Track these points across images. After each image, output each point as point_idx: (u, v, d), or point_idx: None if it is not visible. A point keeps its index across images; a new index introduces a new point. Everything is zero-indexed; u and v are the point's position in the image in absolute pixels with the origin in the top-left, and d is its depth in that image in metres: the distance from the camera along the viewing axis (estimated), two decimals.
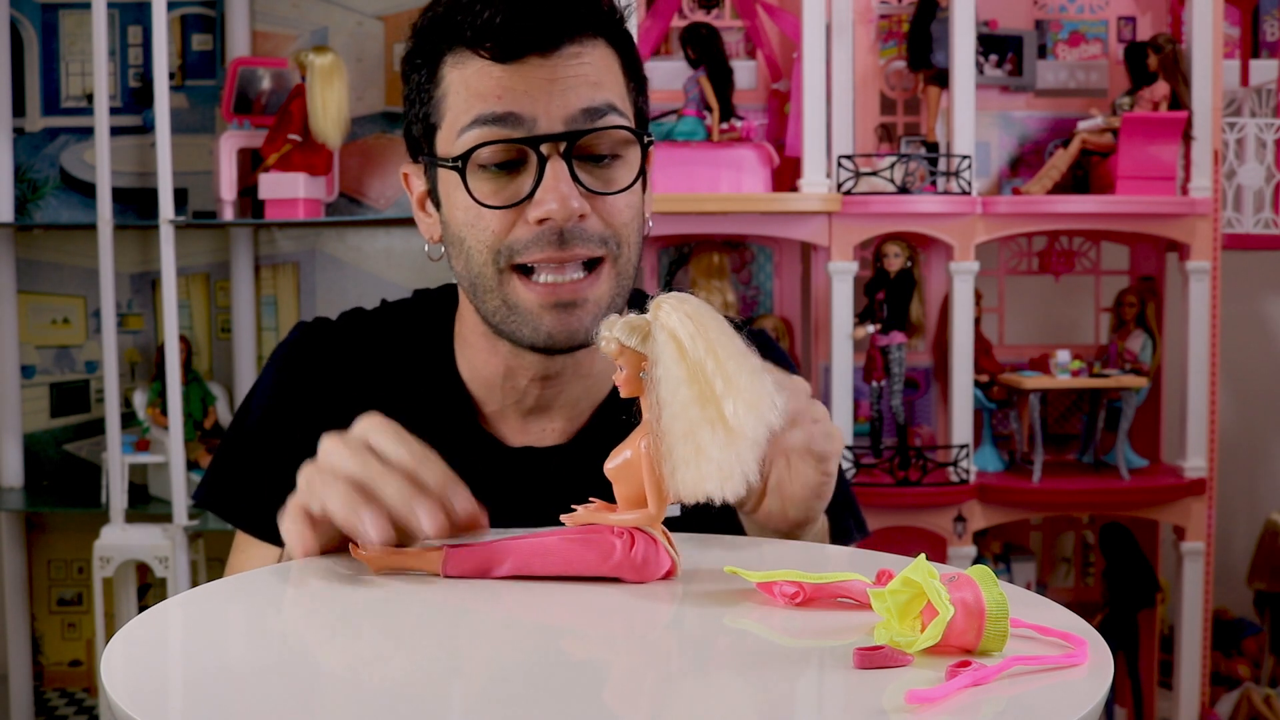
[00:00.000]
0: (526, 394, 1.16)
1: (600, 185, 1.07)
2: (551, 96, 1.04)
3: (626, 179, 1.08)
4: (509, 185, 1.06)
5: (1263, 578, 2.78)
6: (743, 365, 0.76)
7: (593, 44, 1.07)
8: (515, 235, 1.06)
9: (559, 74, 1.05)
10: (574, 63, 1.05)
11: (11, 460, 2.64)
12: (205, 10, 2.66)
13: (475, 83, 1.05)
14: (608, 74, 1.08)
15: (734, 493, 0.75)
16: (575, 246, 1.05)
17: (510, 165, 1.06)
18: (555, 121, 1.04)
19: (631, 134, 1.08)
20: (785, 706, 0.61)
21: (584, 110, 1.05)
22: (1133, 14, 2.72)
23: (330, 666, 0.67)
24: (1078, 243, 2.80)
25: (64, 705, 2.72)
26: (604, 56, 1.08)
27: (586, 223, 1.06)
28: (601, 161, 1.07)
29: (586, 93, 1.05)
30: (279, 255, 2.68)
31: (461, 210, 1.07)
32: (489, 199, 1.06)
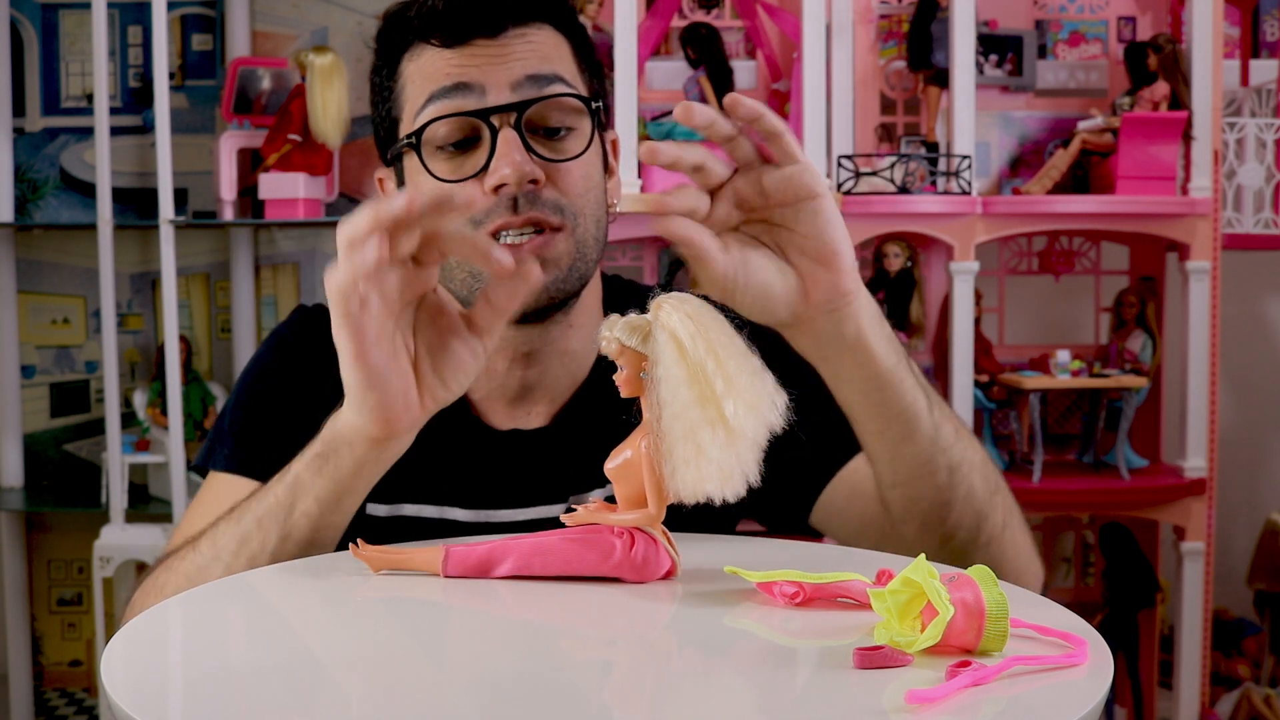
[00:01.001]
0: (509, 378, 1.17)
1: (554, 154, 1.10)
2: (499, 68, 1.09)
3: (578, 148, 1.11)
4: (465, 162, 1.09)
5: (1263, 578, 2.78)
6: (743, 366, 0.76)
7: (539, 28, 1.12)
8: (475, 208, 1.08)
9: (505, 50, 1.09)
10: (520, 41, 1.10)
11: (11, 460, 2.64)
12: (205, 10, 2.66)
13: (428, 67, 1.10)
14: (555, 52, 1.12)
15: (734, 493, 0.75)
16: (531, 211, 1.08)
17: (465, 144, 1.09)
18: (504, 90, 1.08)
19: (581, 103, 1.11)
20: (785, 706, 0.61)
21: (530, 77, 1.09)
22: (1133, 14, 2.72)
23: (330, 666, 0.67)
24: (1078, 243, 2.79)
25: (64, 705, 2.72)
26: (551, 38, 1.13)
27: (542, 191, 1.09)
28: (554, 134, 1.11)
29: (534, 63, 1.10)
30: (279, 255, 2.68)
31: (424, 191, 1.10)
32: (446, 175, 1.09)
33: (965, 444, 1.05)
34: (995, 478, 1.09)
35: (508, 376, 1.17)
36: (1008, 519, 1.08)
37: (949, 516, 1.03)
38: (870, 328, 0.97)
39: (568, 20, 1.16)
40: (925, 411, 1.01)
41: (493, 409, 1.19)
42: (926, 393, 1.03)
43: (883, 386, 0.98)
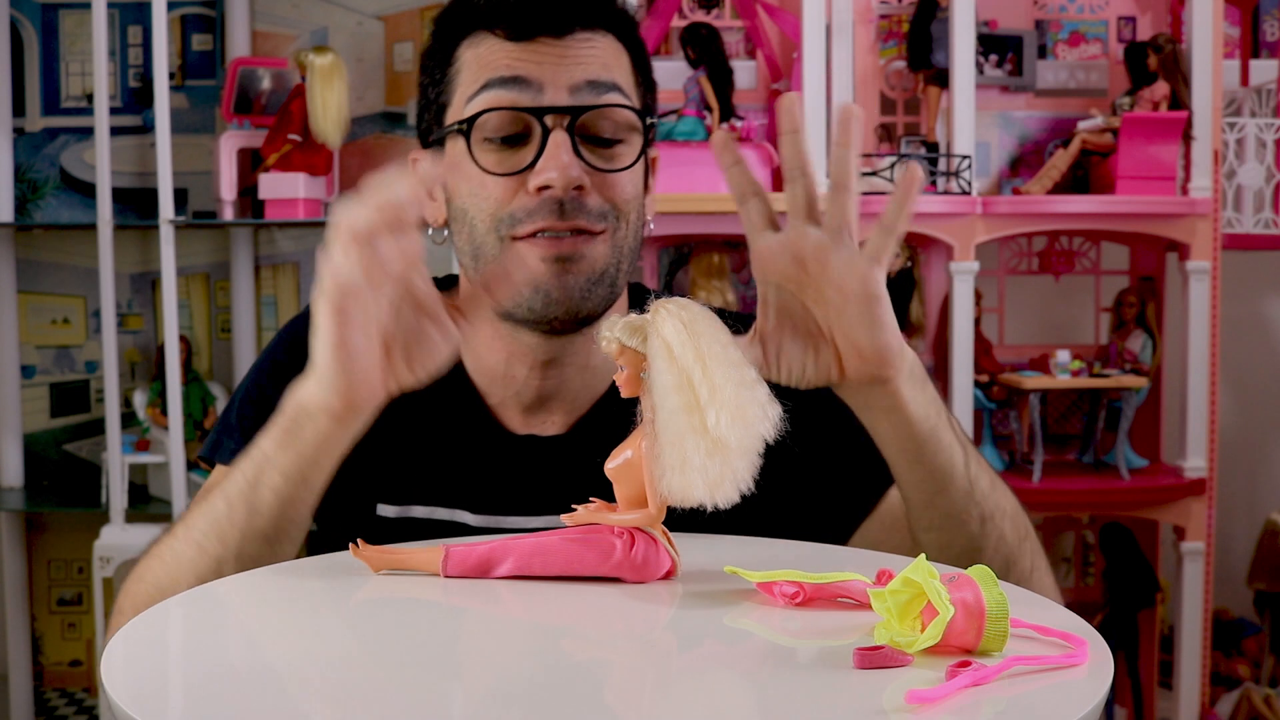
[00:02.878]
0: (526, 385, 1.17)
1: (602, 163, 1.09)
2: (560, 69, 1.08)
3: (628, 159, 1.10)
4: (513, 156, 1.08)
5: (1263, 578, 2.78)
6: (730, 375, 0.75)
7: (603, 36, 1.11)
8: (517, 204, 1.08)
9: (569, 52, 1.09)
10: (584, 46, 1.09)
11: (11, 460, 2.64)
12: (205, 10, 2.66)
13: (487, 56, 1.09)
14: (616, 62, 1.12)
15: (726, 500, 0.75)
16: (574, 218, 1.07)
17: (515, 139, 1.08)
18: (561, 91, 1.07)
19: (636, 115, 1.11)
20: (785, 706, 0.61)
21: (590, 82, 1.08)
22: (1133, 14, 2.72)
23: (330, 666, 0.67)
24: (1078, 243, 2.80)
25: (64, 705, 2.72)
26: (613, 48, 1.12)
27: (586, 197, 1.08)
28: (605, 144, 1.10)
29: (595, 69, 1.09)
30: (279, 255, 2.68)
31: (466, 181, 1.10)
32: (493, 167, 1.08)
33: (999, 494, 1.04)
34: (1025, 524, 1.08)
35: (525, 384, 1.17)
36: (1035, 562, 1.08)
37: (979, 560, 1.03)
38: (911, 395, 0.95)
39: (630, 33, 1.15)
40: (961, 466, 1.00)
41: (510, 414, 1.19)
42: (964, 445, 1.01)
43: (920, 446, 0.97)
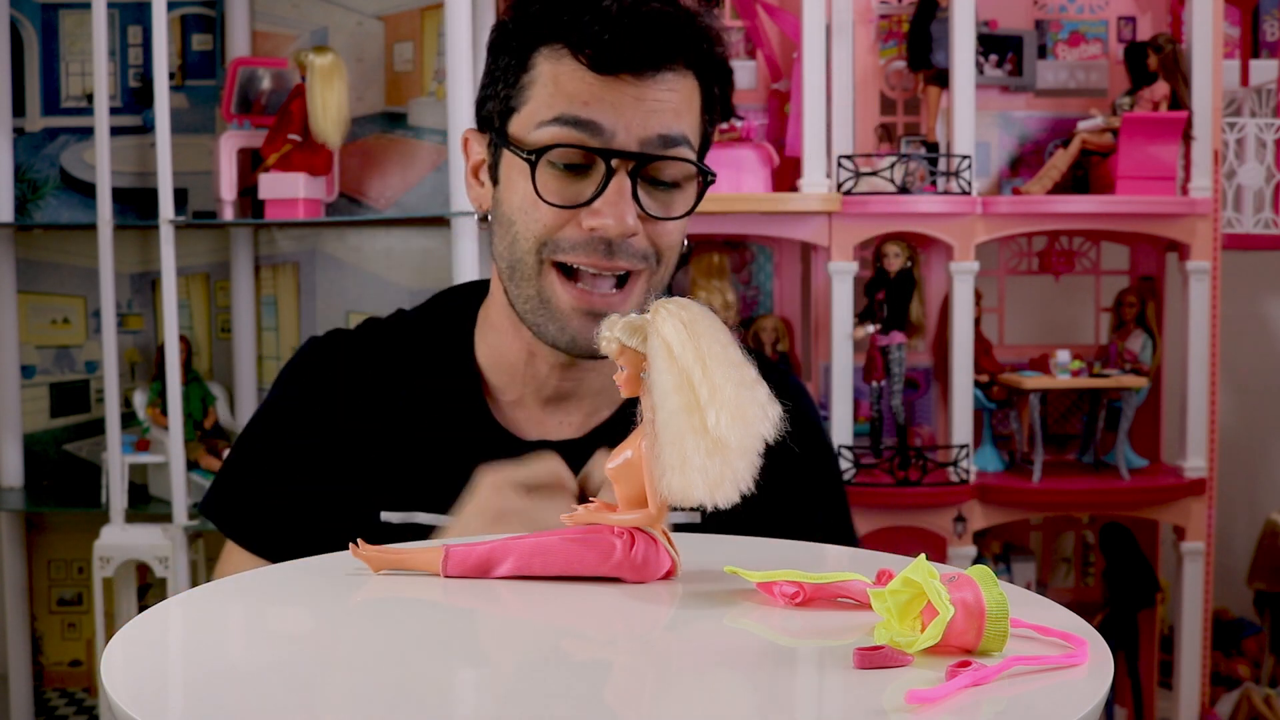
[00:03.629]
0: (546, 381, 1.18)
1: (658, 210, 1.11)
2: (634, 115, 1.08)
3: (682, 209, 1.14)
4: (572, 185, 1.10)
5: (1263, 578, 2.79)
6: (730, 375, 0.75)
7: (683, 75, 1.11)
8: (565, 234, 1.10)
9: (646, 95, 1.09)
10: (662, 89, 1.10)
11: (11, 460, 2.64)
12: (205, 10, 2.66)
13: (566, 83, 1.09)
14: (689, 107, 1.12)
15: (726, 500, 0.75)
16: (619, 259, 1.10)
17: (578, 168, 1.10)
18: (632, 139, 1.09)
19: (698, 171, 1.13)
20: (785, 706, 0.61)
21: (661, 136, 1.09)
22: (1133, 14, 2.72)
23: (330, 667, 0.67)
24: (1078, 243, 2.80)
25: (64, 705, 2.72)
26: (690, 90, 1.13)
27: (636, 240, 1.10)
28: (663, 187, 1.12)
29: (668, 120, 1.10)
30: (279, 255, 2.68)
31: (519, 196, 1.11)
32: (551, 195, 1.09)
33: None
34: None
35: (546, 381, 1.18)
36: None
37: None
38: None
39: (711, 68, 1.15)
40: None
41: (525, 415, 1.19)
42: None
43: None
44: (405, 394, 1.20)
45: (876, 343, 2.56)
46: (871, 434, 2.61)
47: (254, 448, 1.23)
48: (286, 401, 1.23)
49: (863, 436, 2.62)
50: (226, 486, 1.23)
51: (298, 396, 1.22)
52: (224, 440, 2.55)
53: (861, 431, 2.63)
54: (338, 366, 1.23)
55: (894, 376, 2.57)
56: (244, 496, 1.22)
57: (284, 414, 1.23)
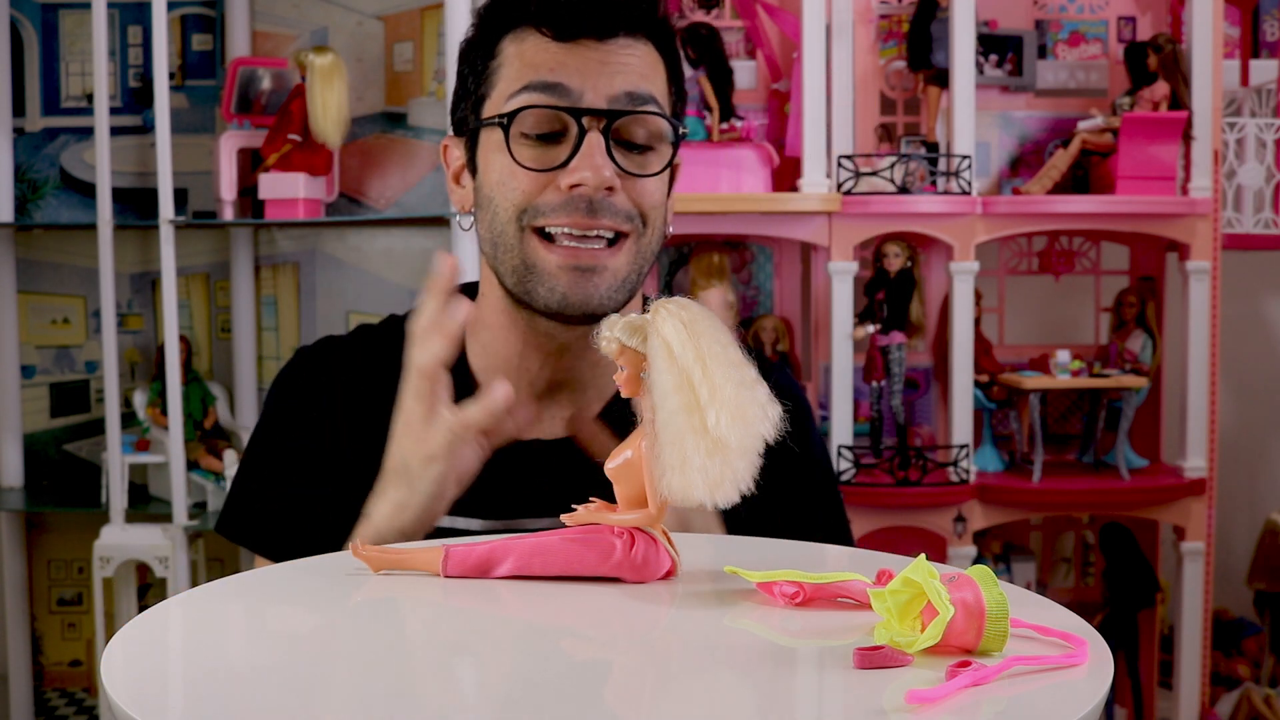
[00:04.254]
0: (539, 375, 1.19)
1: (633, 168, 1.12)
2: (600, 75, 1.11)
3: (657, 167, 1.14)
4: (546, 152, 1.11)
5: (1263, 578, 2.79)
6: (730, 375, 0.75)
7: (644, 44, 1.14)
8: (544, 198, 1.11)
9: (610, 58, 1.12)
10: (625, 52, 1.12)
11: (11, 460, 2.64)
12: (205, 10, 2.66)
13: (531, 55, 1.12)
14: (654, 72, 1.15)
15: (726, 500, 0.75)
16: (602, 217, 1.11)
17: (551, 136, 1.11)
18: (600, 98, 1.11)
19: (668, 124, 1.14)
20: (785, 706, 0.61)
21: (628, 93, 1.11)
22: (1133, 14, 2.72)
23: (330, 666, 0.67)
24: (1078, 243, 2.80)
25: (64, 705, 2.72)
26: (652, 58, 1.15)
27: (614, 197, 1.11)
28: (637, 149, 1.13)
29: (634, 79, 1.12)
30: (279, 255, 2.68)
31: (496, 171, 1.13)
32: (528, 162, 1.11)
33: None
34: None
35: (539, 374, 1.19)
36: None
37: None
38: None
39: (669, 43, 1.18)
40: None
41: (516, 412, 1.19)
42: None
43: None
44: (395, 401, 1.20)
45: (876, 343, 2.56)
46: (871, 434, 2.61)
47: (262, 460, 1.23)
48: (285, 411, 1.23)
49: (863, 436, 2.62)
50: (241, 503, 1.23)
51: (296, 406, 1.23)
52: (224, 440, 2.55)
53: (861, 431, 2.63)
54: (332, 372, 1.23)
55: (894, 376, 2.57)
56: (261, 508, 1.22)
57: (285, 423, 1.23)
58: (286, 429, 1.22)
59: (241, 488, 1.24)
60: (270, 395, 1.26)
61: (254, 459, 1.24)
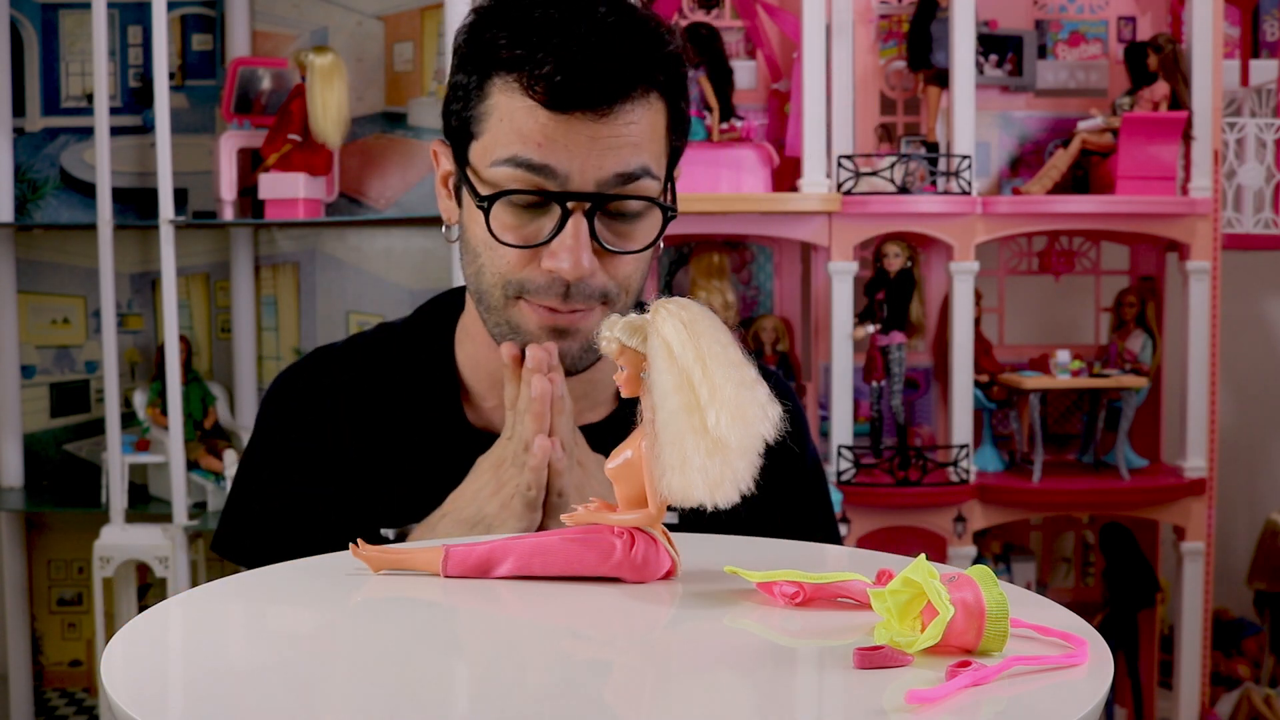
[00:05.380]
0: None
1: (616, 243, 1.09)
2: (589, 155, 1.05)
3: (644, 239, 1.10)
4: (530, 224, 1.08)
5: (1263, 578, 2.79)
6: (730, 375, 0.75)
7: (644, 101, 1.07)
8: (526, 275, 1.09)
9: (602, 133, 1.05)
10: (620, 124, 1.05)
11: (11, 460, 2.64)
12: (205, 10, 2.66)
13: (520, 121, 1.05)
14: (651, 134, 1.08)
15: (726, 500, 0.75)
16: (577, 302, 1.09)
17: (535, 206, 1.08)
18: (588, 181, 1.05)
19: (657, 203, 1.10)
20: (785, 706, 0.61)
21: (618, 174, 1.06)
22: (1133, 14, 2.72)
23: (330, 666, 0.67)
24: (1078, 243, 2.80)
25: (64, 705, 2.72)
26: (652, 114, 1.08)
27: (592, 279, 1.08)
28: (623, 218, 1.09)
29: (625, 155, 1.06)
30: (279, 255, 2.68)
31: (481, 231, 1.10)
32: (507, 233, 1.08)
33: None
34: None
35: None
36: None
37: None
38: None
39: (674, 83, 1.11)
40: None
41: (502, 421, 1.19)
42: None
43: None
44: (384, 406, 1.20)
45: (876, 343, 2.56)
46: (871, 434, 2.61)
47: (259, 471, 1.23)
48: (281, 422, 1.23)
49: (863, 436, 2.62)
50: (238, 518, 1.23)
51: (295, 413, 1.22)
52: (224, 440, 2.55)
53: (861, 431, 2.63)
54: (328, 381, 1.22)
55: (894, 376, 2.57)
56: (259, 522, 1.21)
57: (281, 433, 1.22)
58: (283, 439, 1.22)
59: (238, 504, 1.23)
60: (264, 408, 1.25)
61: (250, 472, 1.23)
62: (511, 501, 1.07)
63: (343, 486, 1.17)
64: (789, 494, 1.16)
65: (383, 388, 1.21)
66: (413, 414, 1.20)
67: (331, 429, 1.19)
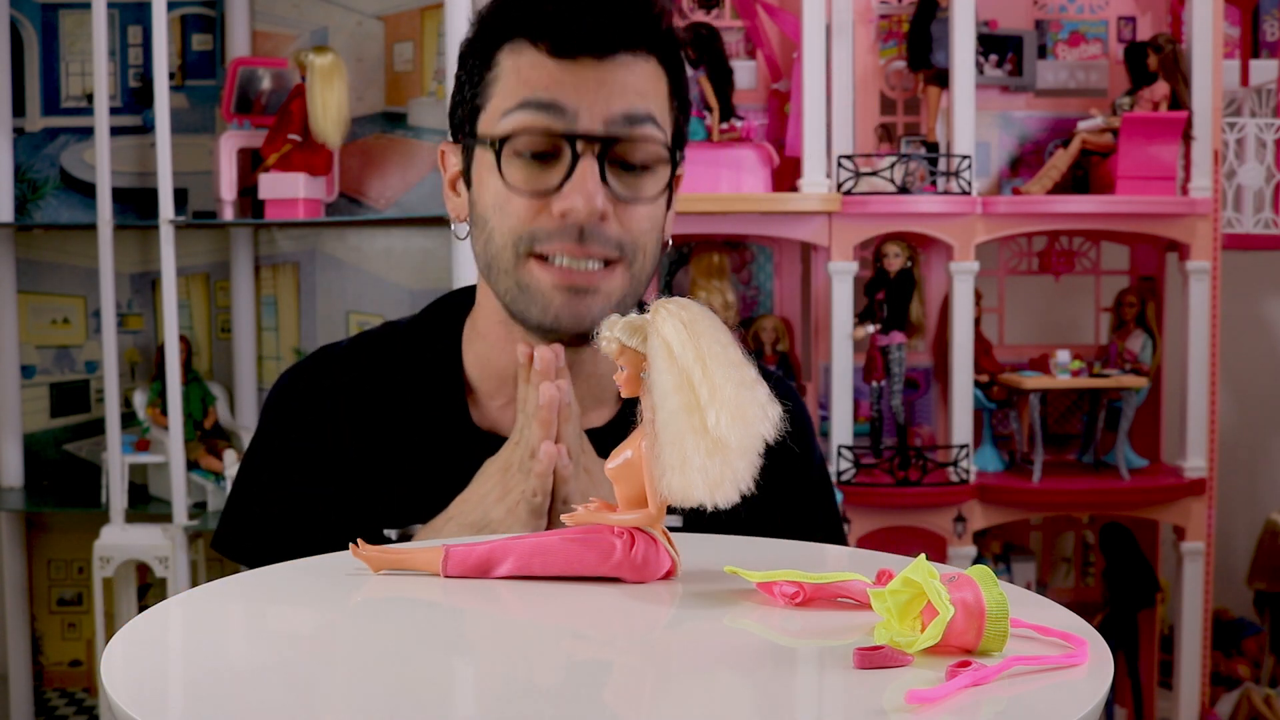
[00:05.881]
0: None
1: (627, 193, 1.10)
2: (597, 96, 1.08)
3: (653, 191, 1.12)
4: (540, 175, 1.09)
5: (1263, 578, 2.79)
6: (730, 375, 0.75)
7: (645, 59, 1.11)
8: (538, 224, 1.10)
9: (608, 77, 1.08)
10: (624, 70, 1.09)
11: (11, 460, 2.64)
12: (205, 10, 2.66)
13: (527, 71, 1.09)
14: (654, 89, 1.12)
15: (726, 500, 0.75)
16: (592, 245, 1.09)
17: (544, 156, 1.09)
18: (596, 120, 1.08)
19: (665, 150, 1.11)
20: (785, 706, 0.61)
21: (625, 115, 1.09)
22: (1133, 14, 2.72)
23: (330, 667, 0.67)
24: (1078, 243, 2.80)
25: (64, 705, 2.72)
26: (654, 72, 1.12)
27: (606, 225, 1.09)
28: (632, 170, 1.11)
29: (632, 99, 1.09)
30: (279, 255, 2.68)
31: (491, 193, 1.11)
32: (519, 185, 1.09)
33: None
34: None
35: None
36: None
37: None
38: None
39: (673, 55, 1.15)
40: None
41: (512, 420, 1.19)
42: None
43: None
44: (394, 407, 1.20)
45: (876, 343, 2.56)
46: (871, 434, 2.61)
47: (261, 469, 1.22)
48: (285, 419, 1.22)
49: (863, 436, 2.62)
50: (239, 516, 1.23)
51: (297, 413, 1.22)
52: (224, 440, 2.55)
53: (861, 431, 2.63)
54: (333, 379, 1.22)
55: (894, 376, 2.56)
56: (260, 519, 1.21)
57: (285, 431, 1.22)
58: (286, 438, 1.21)
59: (239, 502, 1.23)
60: (266, 407, 1.25)
61: (252, 471, 1.23)
62: (517, 508, 1.07)
63: (344, 486, 1.17)
64: (790, 494, 1.16)
65: (387, 387, 1.21)
66: (417, 413, 1.20)
67: (332, 429, 1.19)
